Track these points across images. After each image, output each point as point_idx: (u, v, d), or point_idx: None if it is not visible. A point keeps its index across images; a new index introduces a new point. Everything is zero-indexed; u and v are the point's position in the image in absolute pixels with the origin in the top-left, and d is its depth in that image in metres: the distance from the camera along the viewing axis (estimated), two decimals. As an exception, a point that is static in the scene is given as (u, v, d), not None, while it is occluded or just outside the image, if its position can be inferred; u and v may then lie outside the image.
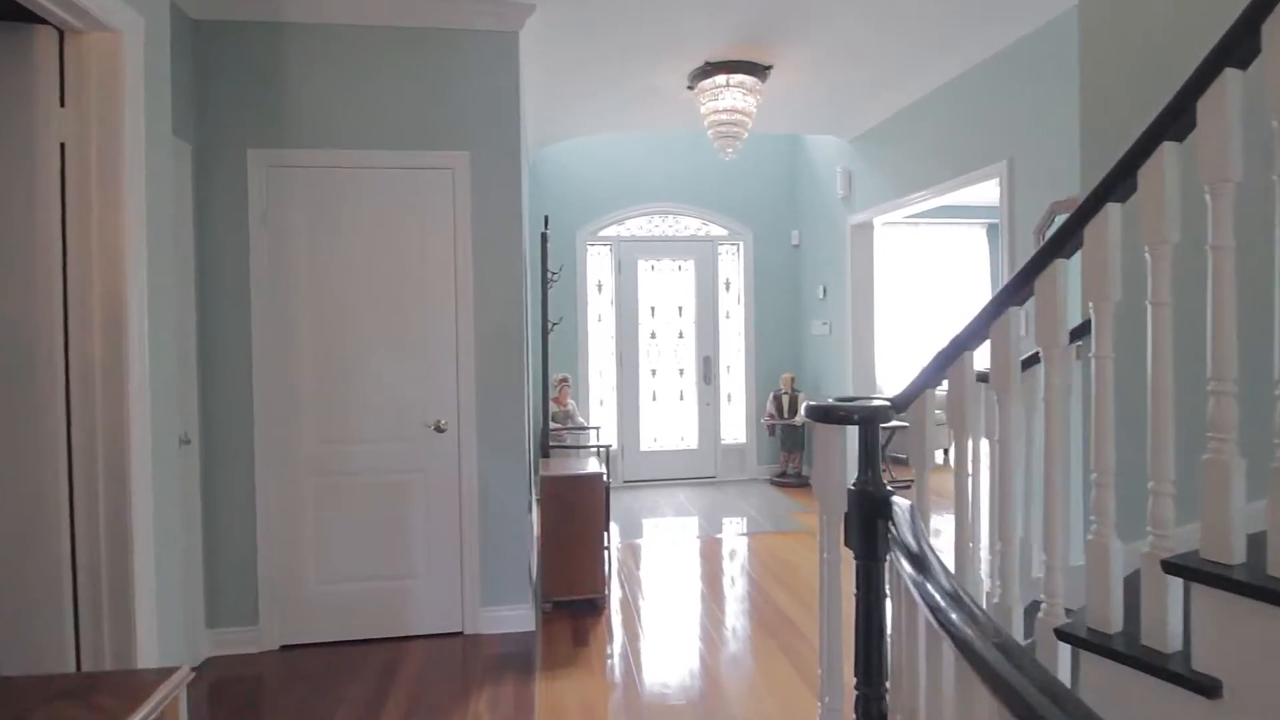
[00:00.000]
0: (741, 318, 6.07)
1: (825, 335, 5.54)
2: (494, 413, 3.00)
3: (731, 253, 6.12)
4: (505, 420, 3.02)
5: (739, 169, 6.00)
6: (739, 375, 6.12)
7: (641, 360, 5.92)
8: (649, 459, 5.92)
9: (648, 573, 3.87)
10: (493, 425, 3.00)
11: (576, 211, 5.78)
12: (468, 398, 2.96)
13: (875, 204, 4.74)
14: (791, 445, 5.80)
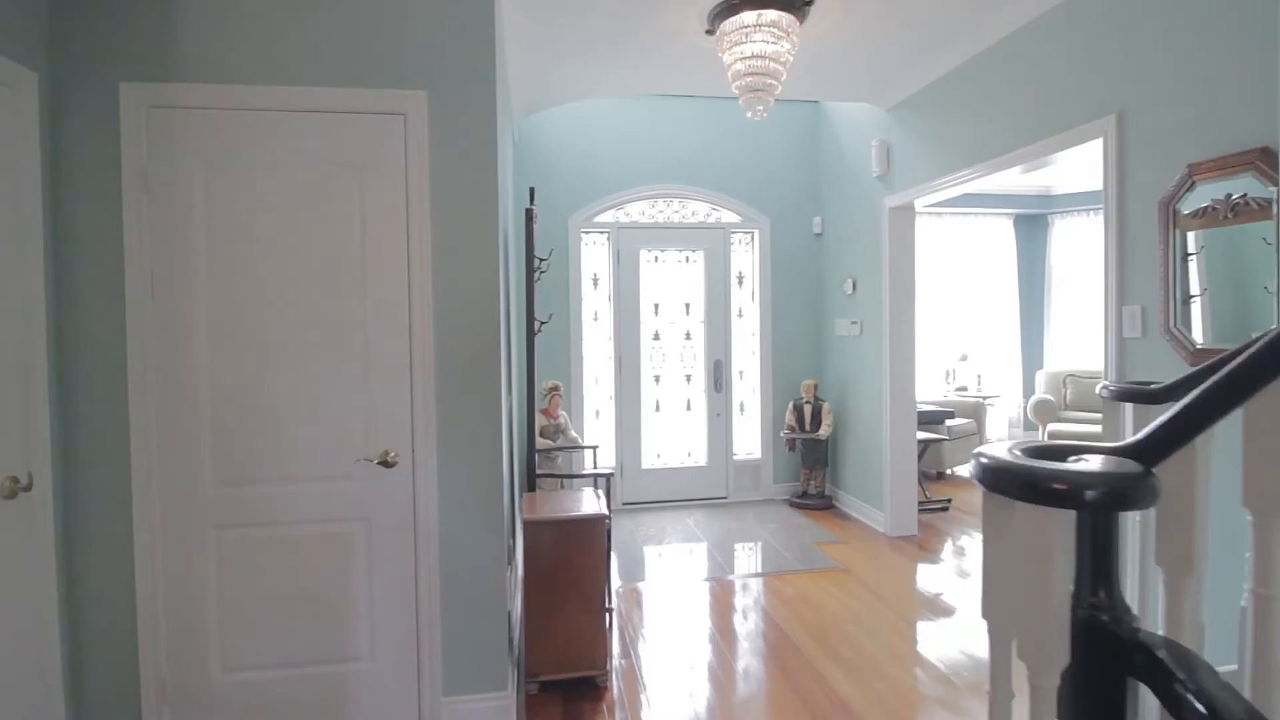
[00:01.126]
0: (756, 317, 5.35)
1: (854, 336, 4.83)
2: (461, 438, 2.26)
3: (745, 242, 5.40)
4: (477, 447, 2.28)
5: (753, 145, 5.28)
6: (753, 382, 5.40)
7: (643, 365, 5.19)
8: (652, 478, 5.19)
9: (655, 630, 3.13)
10: (460, 454, 2.26)
11: (569, 194, 5.04)
12: (425, 419, 2.21)
13: (921, 181, 4.03)
14: (813, 462, 5.08)
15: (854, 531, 4.51)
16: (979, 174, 3.55)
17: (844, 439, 5.02)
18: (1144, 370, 2.60)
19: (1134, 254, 2.65)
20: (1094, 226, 7.63)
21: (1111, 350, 2.74)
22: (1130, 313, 2.66)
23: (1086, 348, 7.70)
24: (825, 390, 5.26)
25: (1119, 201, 2.71)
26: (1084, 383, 6.92)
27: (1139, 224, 2.62)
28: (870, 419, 4.64)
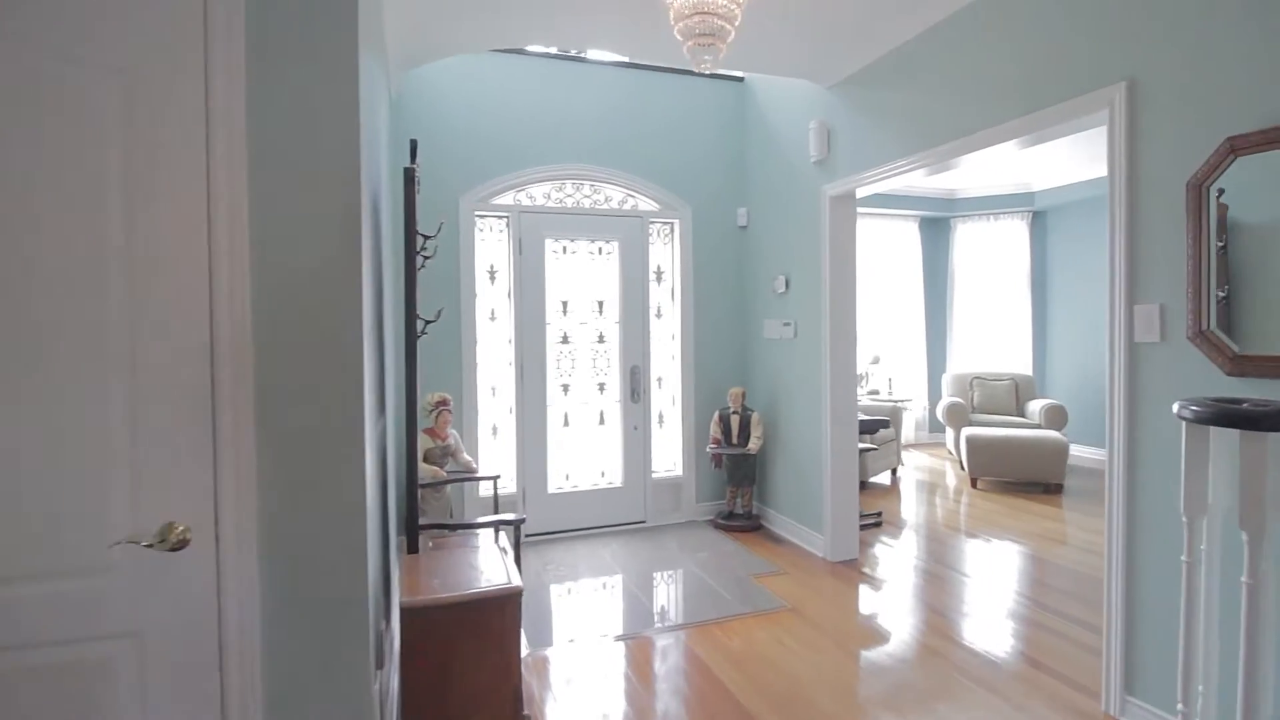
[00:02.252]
0: (677, 317, 4.76)
1: (787, 339, 4.34)
2: (299, 495, 1.47)
3: (664, 234, 4.80)
4: (325, 505, 1.49)
5: (674, 125, 4.69)
6: (673, 390, 4.80)
7: (550, 373, 4.46)
8: (560, 503, 4.47)
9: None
10: (298, 519, 1.47)
11: (460, 169, 4.22)
12: (237, 472, 1.40)
13: (870, 167, 3.58)
14: (740, 478, 4.56)
15: (791, 558, 4.01)
16: (943, 158, 3.12)
17: (774, 453, 4.54)
18: (1165, 382, 2.21)
19: (1149, 245, 2.26)
20: (994, 231, 7.69)
21: (1119, 358, 2.34)
22: (1145, 314, 2.26)
23: (991, 350, 7.76)
24: (754, 399, 4.76)
25: (1129, 185, 2.31)
26: (990, 385, 6.89)
27: (1156, 210, 2.23)
28: (805, 431, 4.17)
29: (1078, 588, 3.52)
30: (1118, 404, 2.35)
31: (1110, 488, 2.39)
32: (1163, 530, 2.22)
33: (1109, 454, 2.40)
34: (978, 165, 6.72)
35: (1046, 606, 3.30)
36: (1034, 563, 3.92)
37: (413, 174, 2.28)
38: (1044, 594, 3.46)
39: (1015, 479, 5.66)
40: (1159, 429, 2.23)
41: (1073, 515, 4.88)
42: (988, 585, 3.58)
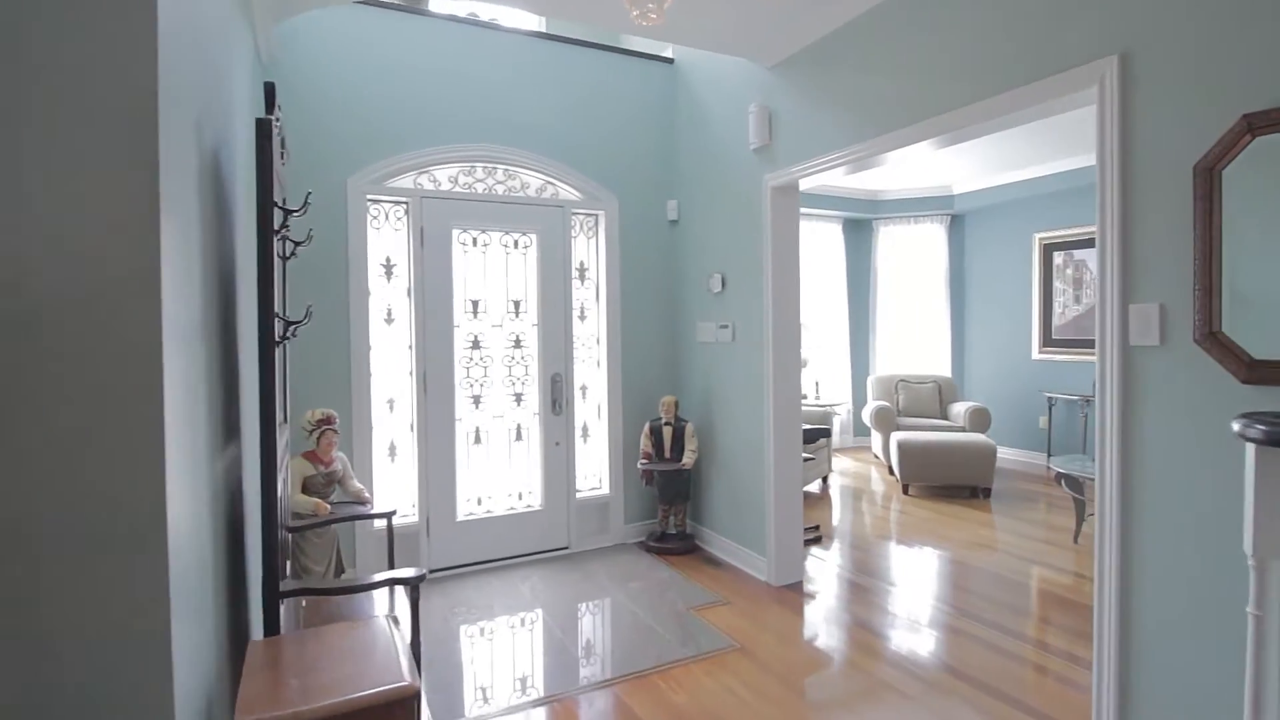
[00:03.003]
0: (602, 319, 4.31)
1: (724, 343, 3.98)
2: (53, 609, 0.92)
3: (588, 227, 4.34)
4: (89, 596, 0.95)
5: (599, 106, 4.24)
6: (598, 399, 4.35)
7: (458, 383, 3.90)
8: (471, 532, 3.91)
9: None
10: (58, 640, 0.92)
11: (349, 145, 3.60)
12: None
13: (817, 154, 3.27)
14: (673, 496, 4.16)
15: (732, 584, 3.64)
16: (902, 144, 2.83)
17: (709, 467, 4.16)
18: (1167, 391, 1.96)
19: (1147, 237, 2.01)
20: (916, 233, 7.70)
21: (1111, 364, 2.08)
22: (1142, 314, 2.01)
23: (914, 353, 7.75)
24: (687, 408, 4.37)
25: (1122, 170, 2.06)
26: (914, 388, 6.84)
27: (1156, 197, 1.98)
28: (745, 442, 3.82)
29: (1043, 607, 3.33)
30: (1110, 417, 2.09)
31: (1102, 510, 2.13)
32: (1164, 560, 1.97)
33: (1099, 472, 2.14)
34: (901, 164, 6.68)
35: (1011, 631, 3.07)
36: (983, 578, 3.72)
37: (269, 128, 1.72)
38: (1005, 615, 3.24)
39: (945, 484, 5.56)
40: (1160, 445, 1.98)
41: (1007, 521, 4.78)
42: (943, 606, 3.33)
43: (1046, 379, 6.81)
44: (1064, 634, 3.03)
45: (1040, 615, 3.23)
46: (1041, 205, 6.79)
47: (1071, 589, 3.53)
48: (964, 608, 3.32)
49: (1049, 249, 6.76)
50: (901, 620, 3.19)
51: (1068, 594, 3.47)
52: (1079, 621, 3.13)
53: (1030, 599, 3.43)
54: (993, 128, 2.52)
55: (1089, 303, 6.42)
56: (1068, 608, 3.31)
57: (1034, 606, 3.34)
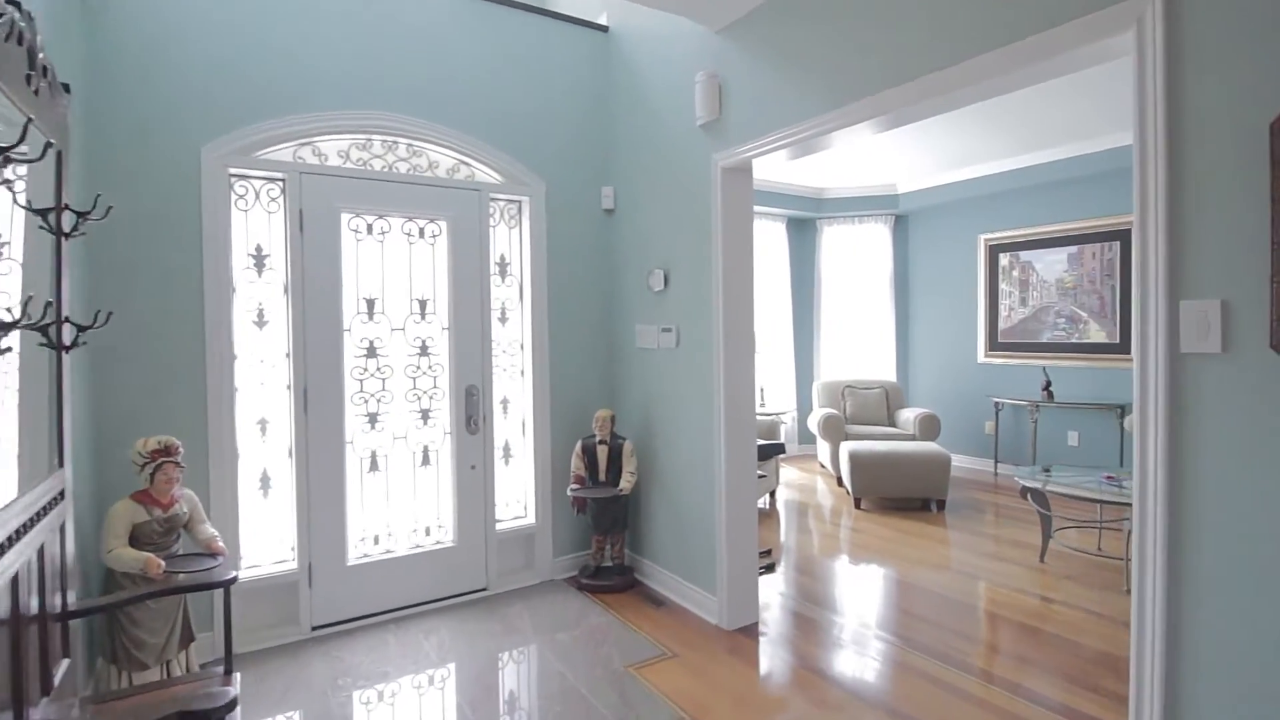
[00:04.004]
0: (527, 321, 3.73)
1: (667, 349, 3.47)
2: None
3: (510, 215, 3.74)
4: None
5: (524, 75, 3.66)
6: (523, 415, 3.75)
7: (349, 399, 3.23)
8: (366, 578, 3.25)
9: None
10: None
11: (204, 104, 2.90)
12: None
13: (777, 128, 2.79)
14: (610, 524, 3.62)
15: (677, 630, 3.12)
16: (881, 111, 2.37)
17: (651, 491, 3.64)
18: (1233, 410, 1.55)
19: (1203, 215, 1.59)
20: (860, 234, 7.42)
21: (1155, 378, 1.67)
22: (1197, 313, 1.60)
23: (859, 357, 7.46)
24: (625, 424, 3.83)
25: (1169, 132, 1.64)
26: (861, 394, 6.53)
27: (1213, 165, 1.57)
28: (691, 463, 3.31)
29: (1026, 645, 2.95)
30: (1153, 442, 1.67)
31: (1143, 550, 1.71)
32: (1225, 627, 1.56)
33: (1138, 506, 1.72)
34: (848, 156, 6.37)
35: (1000, 680, 2.66)
36: (957, 611, 3.33)
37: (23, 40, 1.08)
38: (989, 659, 2.83)
39: (899, 496, 5.23)
40: (1220, 479, 1.57)
41: (967, 538, 4.46)
42: (918, 652, 2.90)
43: (993, 383, 6.62)
44: (1056, 680, 2.64)
45: (1022, 655, 2.85)
46: (987, 206, 6.61)
47: (1048, 617, 3.18)
48: (943, 652, 2.90)
49: (995, 250, 6.57)
50: (873, 670, 2.74)
51: (1046, 625, 3.11)
52: (1064, 658, 2.76)
53: (1010, 637, 3.05)
54: (993, 89, 2.09)
55: (1035, 305, 6.26)
56: (1050, 644, 2.93)
57: (1016, 646, 2.95)
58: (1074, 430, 5.98)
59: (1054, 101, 4.61)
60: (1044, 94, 4.48)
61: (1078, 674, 2.69)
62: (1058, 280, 6.09)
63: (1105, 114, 4.90)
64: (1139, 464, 1.71)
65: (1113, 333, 5.72)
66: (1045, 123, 5.13)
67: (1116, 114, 4.89)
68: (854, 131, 2.54)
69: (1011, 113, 4.96)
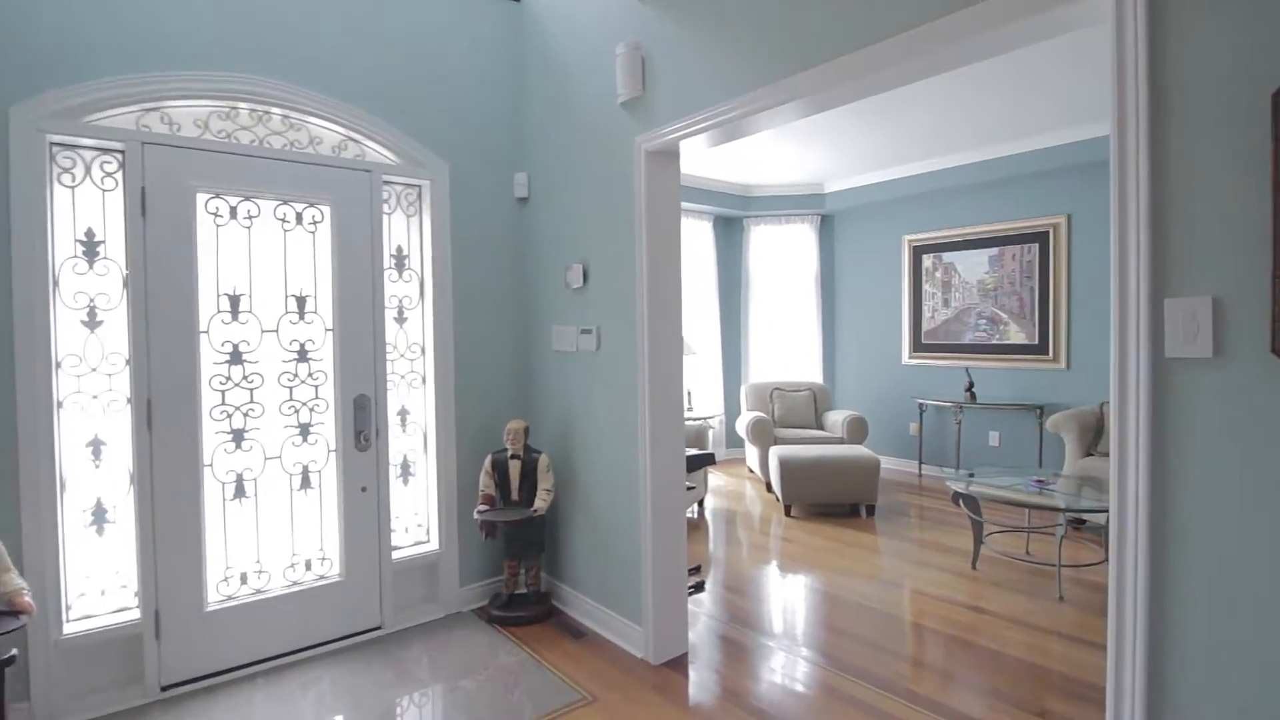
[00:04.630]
0: (428, 323, 3.30)
1: (587, 352, 3.14)
2: None
3: (409, 200, 3.31)
4: None
5: (421, 41, 3.24)
6: (423, 428, 3.33)
7: (207, 413, 2.73)
8: (230, 624, 2.75)
9: None
10: None
11: (17, 56, 2.35)
12: None
13: (708, 105, 2.50)
14: (523, 548, 3.25)
15: (599, 667, 2.79)
16: (829, 84, 2.11)
17: (570, 509, 3.29)
18: (1228, 423, 1.35)
19: (1191, 201, 1.39)
20: (786, 234, 7.30)
21: (1135, 381, 1.46)
22: (1184, 313, 1.40)
23: (786, 359, 7.34)
24: (540, 436, 3.47)
25: (1152, 104, 1.44)
26: (789, 396, 6.40)
27: (1204, 142, 1.37)
28: (614, 478, 2.99)
29: (961, 662, 2.77)
30: (1134, 459, 1.47)
31: (1122, 579, 1.50)
32: (1216, 667, 1.37)
33: (1116, 527, 1.52)
34: (772, 157, 6.22)
35: (946, 711, 2.46)
36: (893, 628, 3.14)
37: None
38: (931, 684, 2.63)
39: (830, 502, 5.08)
40: (1213, 501, 1.37)
41: (898, 544, 4.33)
42: (858, 679, 2.68)
43: (917, 384, 6.62)
44: (1000, 705, 2.46)
45: (961, 675, 2.67)
46: (911, 206, 6.60)
47: (983, 630, 3.04)
48: (883, 677, 2.69)
49: (918, 251, 6.57)
50: (810, 704, 2.49)
51: (984, 640, 2.96)
52: (1005, 678, 2.60)
53: (948, 654, 2.87)
54: (941, 61, 1.86)
55: (958, 306, 6.28)
56: (990, 662, 2.77)
57: (957, 665, 2.78)
58: (995, 430, 6.03)
59: (977, 104, 4.56)
60: (967, 96, 4.42)
61: (1025, 698, 2.52)
62: (979, 282, 6.12)
63: (1027, 116, 4.90)
64: (1117, 483, 1.50)
65: (1032, 334, 5.78)
66: (968, 124, 5.10)
67: (1038, 116, 4.90)
68: (789, 110, 2.28)
69: (935, 113, 4.89)
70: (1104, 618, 3.22)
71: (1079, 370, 5.50)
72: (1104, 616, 3.23)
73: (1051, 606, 3.36)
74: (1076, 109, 4.77)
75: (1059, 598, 3.46)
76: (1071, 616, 3.24)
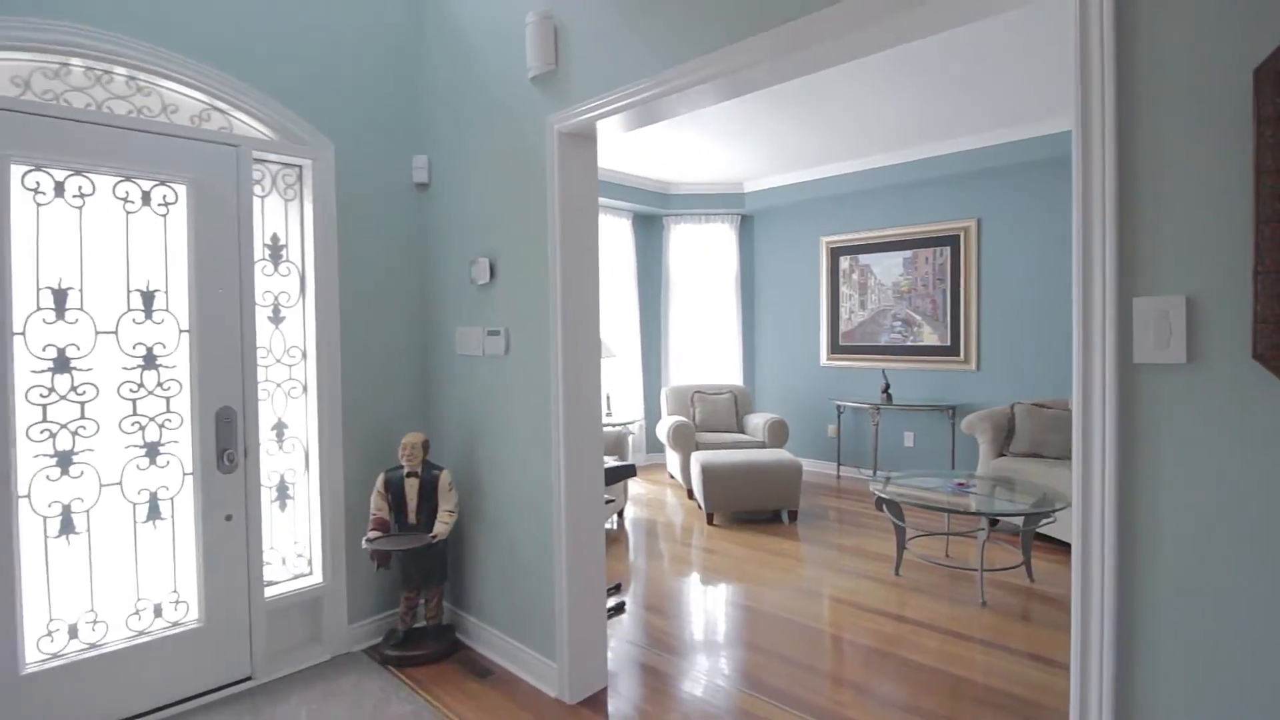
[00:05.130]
0: (309, 323, 2.89)
1: (495, 356, 2.82)
2: None
3: (288, 182, 2.89)
4: None
5: (310, 5, 2.84)
6: (304, 443, 2.91)
7: (21, 433, 2.23)
8: (51, 690, 2.26)
9: None
10: None
11: None
12: None
13: (630, 80, 2.25)
14: (423, 577, 2.89)
15: (508, 712, 2.48)
16: (776, 54, 1.91)
17: (475, 531, 2.96)
18: (1205, 437, 1.22)
19: (1162, 188, 1.26)
20: (706, 233, 7.18)
21: (1101, 388, 1.32)
22: (1155, 313, 1.26)
23: (707, 362, 7.21)
24: (442, 450, 3.12)
25: (1119, 87, 1.30)
26: (711, 399, 6.25)
27: (1177, 124, 1.24)
28: (525, 496, 2.69)
29: (909, 687, 2.64)
30: (1099, 475, 1.33)
31: (1087, 604, 1.36)
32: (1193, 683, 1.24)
33: (1079, 551, 1.37)
34: (692, 153, 6.06)
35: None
36: (820, 644, 2.99)
37: None
38: (876, 710, 2.49)
39: (753, 509, 4.95)
40: (1188, 525, 1.24)
41: (821, 551, 4.23)
42: (786, 699, 2.50)
43: (836, 386, 6.63)
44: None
45: (879, 691, 2.54)
46: (829, 208, 6.62)
47: (909, 643, 2.94)
48: (811, 701, 2.52)
49: (836, 253, 6.59)
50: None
51: (913, 653, 2.86)
52: (937, 698, 2.49)
53: (872, 668, 2.75)
54: (891, 32, 1.68)
55: (874, 308, 6.33)
56: (918, 678, 2.67)
57: (878, 681, 2.65)
58: (910, 431, 6.10)
59: (894, 105, 4.55)
60: (885, 96, 4.39)
61: (948, 712, 2.41)
62: (894, 284, 6.18)
63: (942, 119, 4.94)
64: (1081, 499, 1.36)
65: (944, 336, 5.87)
66: (884, 126, 5.10)
67: (953, 119, 4.95)
68: (714, 88, 2.06)
69: (853, 113, 4.86)
70: (1025, 623, 3.20)
71: (988, 371, 5.63)
72: (1025, 622, 3.22)
73: (974, 613, 3.31)
74: (996, 112, 4.85)
75: (981, 603, 3.43)
76: (993, 622, 3.20)
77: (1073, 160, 1.35)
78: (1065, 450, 4.57)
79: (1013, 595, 3.54)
